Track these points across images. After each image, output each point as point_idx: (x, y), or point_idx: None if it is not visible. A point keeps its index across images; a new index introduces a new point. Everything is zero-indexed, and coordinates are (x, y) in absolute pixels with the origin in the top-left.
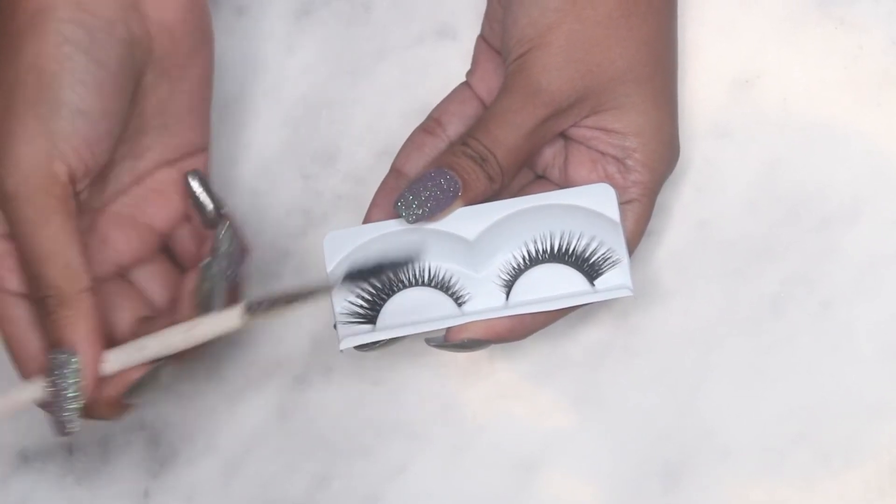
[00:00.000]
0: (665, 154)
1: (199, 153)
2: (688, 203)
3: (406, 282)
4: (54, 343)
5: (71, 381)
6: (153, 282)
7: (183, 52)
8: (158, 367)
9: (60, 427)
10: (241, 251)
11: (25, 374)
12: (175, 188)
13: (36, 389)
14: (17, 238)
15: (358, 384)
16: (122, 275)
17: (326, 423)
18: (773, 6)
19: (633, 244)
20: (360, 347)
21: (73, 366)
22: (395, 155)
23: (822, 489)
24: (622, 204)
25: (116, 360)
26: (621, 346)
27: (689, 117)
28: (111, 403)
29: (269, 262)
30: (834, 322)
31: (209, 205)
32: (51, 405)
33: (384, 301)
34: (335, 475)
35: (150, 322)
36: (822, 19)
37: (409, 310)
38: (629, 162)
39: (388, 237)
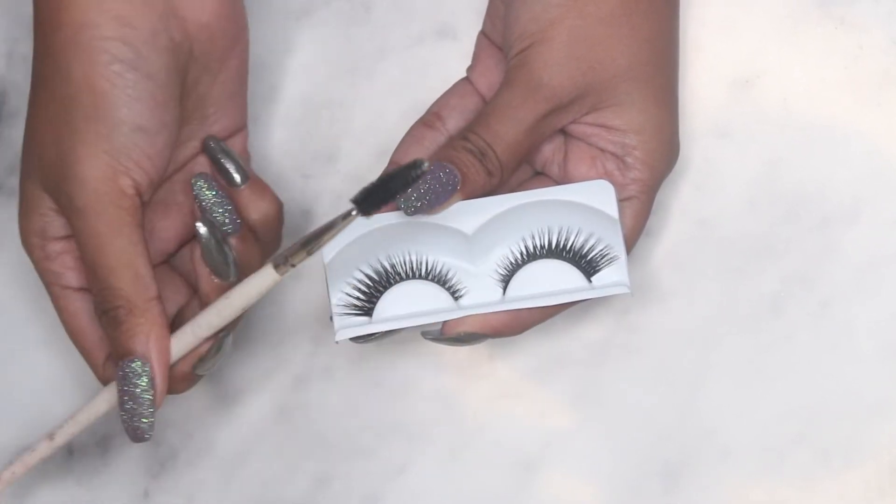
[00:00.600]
0: (665, 152)
1: (237, 133)
2: (688, 202)
3: (403, 274)
4: (125, 353)
5: (145, 388)
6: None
7: (221, 47)
8: (219, 340)
9: (137, 433)
10: (223, 196)
11: (93, 361)
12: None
13: (111, 398)
14: (85, 249)
15: (358, 384)
16: (167, 261)
17: (326, 423)
18: (774, 6)
19: (630, 241)
20: (356, 339)
21: (146, 374)
22: None
23: (822, 489)
24: (621, 201)
25: (176, 349)
26: (621, 344)
27: (689, 117)
28: (184, 378)
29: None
30: (833, 321)
31: (229, 165)
32: (125, 412)
33: (381, 293)
34: (335, 475)
35: (192, 306)
36: (822, 19)
37: (406, 302)
38: (629, 159)
39: (382, 232)
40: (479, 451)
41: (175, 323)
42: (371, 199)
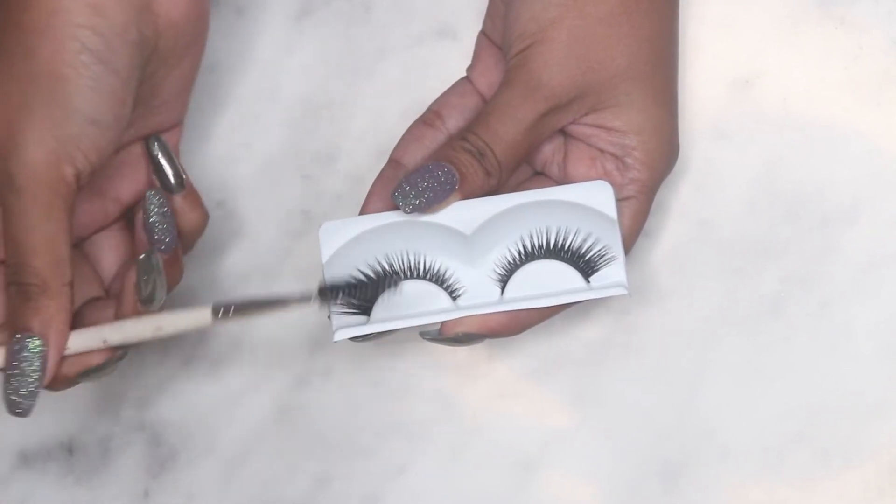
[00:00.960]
0: (664, 152)
1: (174, 128)
2: (687, 202)
3: (401, 274)
4: (24, 328)
5: (35, 365)
6: (108, 251)
7: (183, 44)
8: (116, 357)
9: (13, 406)
10: (171, 218)
11: None
12: (144, 160)
13: None
14: (13, 226)
15: (358, 384)
16: (78, 245)
17: (326, 423)
18: (774, 6)
19: (629, 242)
20: (354, 339)
21: (38, 352)
22: None
23: (821, 489)
24: (619, 201)
25: (77, 343)
26: (620, 344)
27: (688, 117)
28: (63, 381)
29: (270, 262)
30: (833, 321)
31: (169, 169)
32: (8, 383)
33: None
34: (335, 475)
35: (98, 306)
36: (822, 19)
37: (404, 302)
38: (628, 160)
39: (380, 231)
40: (478, 451)
41: (77, 315)
42: (336, 295)
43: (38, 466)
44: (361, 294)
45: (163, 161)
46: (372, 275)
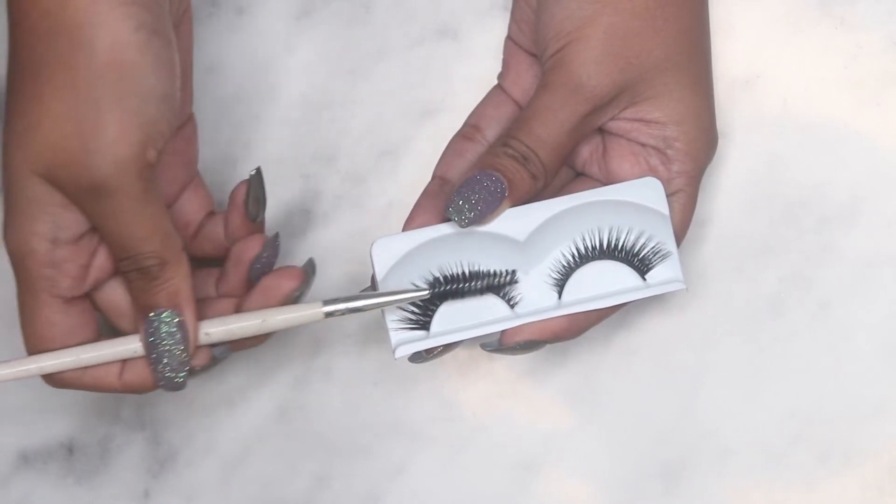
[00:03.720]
0: (705, 141)
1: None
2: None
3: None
4: (154, 305)
5: (177, 337)
6: (190, 211)
7: (184, 7)
8: (223, 351)
9: (169, 382)
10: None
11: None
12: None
13: (134, 346)
14: (115, 225)
15: (358, 384)
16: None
17: (326, 423)
18: (774, 6)
19: (681, 235)
20: (413, 358)
21: (176, 323)
22: (395, 155)
23: (821, 489)
24: (668, 196)
25: (211, 332)
26: (620, 344)
27: None
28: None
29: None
30: (833, 321)
31: (261, 202)
32: (158, 362)
33: (437, 306)
34: (335, 475)
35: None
36: (822, 19)
37: (462, 314)
38: (670, 152)
39: (432, 244)
40: (478, 451)
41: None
42: (449, 290)
43: (38, 466)
44: (473, 290)
45: (262, 193)
46: (484, 269)
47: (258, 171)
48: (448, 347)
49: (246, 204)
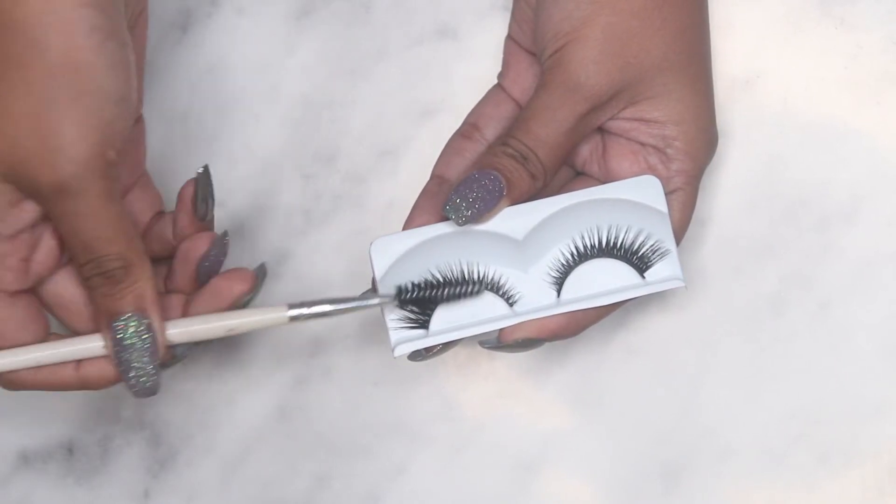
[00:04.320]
0: (705, 141)
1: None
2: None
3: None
4: (119, 310)
5: (145, 340)
6: (139, 209)
7: (133, 10)
8: (184, 350)
9: (140, 387)
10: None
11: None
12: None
13: (95, 345)
14: (76, 226)
15: (358, 384)
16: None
17: (326, 423)
18: (773, 6)
19: (680, 233)
20: (413, 357)
21: (143, 327)
22: (395, 155)
23: (822, 489)
24: (667, 194)
25: (174, 333)
26: (621, 344)
27: None
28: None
29: (270, 263)
30: (833, 321)
31: (209, 202)
32: (127, 368)
33: (436, 305)
34: (335, 475)
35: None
36: (822, 19)
37: (461, 312)
38: (670, 151)
39: (431, 244)
40: (479, 451)
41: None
42: (414, 298)
43: (38, 466)
44: (439, 294)
45: (209, 191)
46: (451, 277)
47: (205, 168)
48: (447, 346)
49: (194, 202)
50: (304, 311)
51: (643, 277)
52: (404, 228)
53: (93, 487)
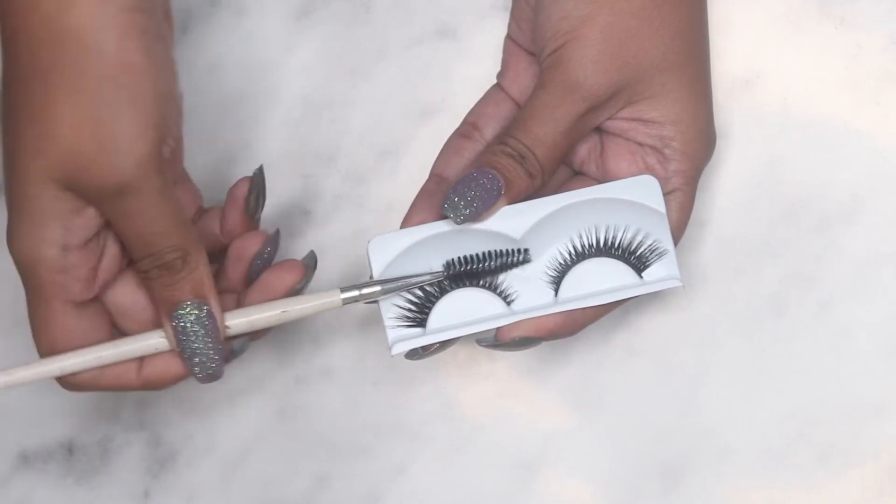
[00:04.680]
0: (703, 141)
1: None
2: None
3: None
4: (179, 299)
5: (207, 326)
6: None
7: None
8: (242, 344)
9: (205, 372)
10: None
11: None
12: None
13: (156, 342)
14: (132, 225)
15: (358, 384)
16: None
17: (326, 423)
18: (773, 6)
19: (678, 234)
20: (410, 355)
21: (204, 314)
22: (395, 155)
23: (822, 489)
24: (665, 194)
25: (232, 324)
26: (621, 344)
27: None
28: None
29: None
30: (833, 321)
31: (261, 200)
32: (192, 355)
33: (433, 303)
34: (335, 475)
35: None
36: (822, 19)
37: (459, 311)
38: (667, 151)
39: (429, 242)
40: (479, 451)
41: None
42: (464, 271)
43: (38, 466)
44: (487, 270)
45: (263, 191)
46: (498, 249)
47: (261, 169)
48: (445, 344)
49: (247, 201)
50: (356, 293)
51: (641, 277)
52: (402, 227)
53: (93, 487)
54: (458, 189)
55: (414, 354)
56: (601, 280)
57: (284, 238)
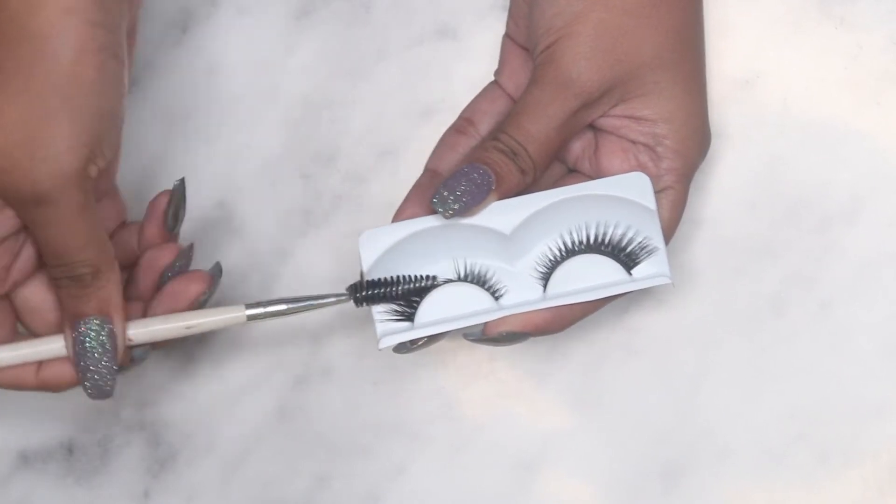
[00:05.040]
0: (696, 140)
1: None
2: (687, 202)
3: (436, 276)
4: (83, 312)
5: (105, 344)
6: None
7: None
8: (143, 353)
9: (96, 389)
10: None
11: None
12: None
13: (57, 346)
14: (48, 235)
15: (358, 384)
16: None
17: (326, 423)
18: (773, 6)
19: (669, 232)
20: (399, 349)
21: (106, 330)
22: (395, 155)
23: (822, 489)
24: (657, 192)
25: (134, 334)
26: (621, 345)
27: None
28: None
29: (270, 262)
30: (833, 322)
31: (180, 215)
32: (85, 369)
33: (421, 298)
34: (335, 475)
35: None
36: (822, 19)
37: (447, 305)
38: (660, 149)
39: (419, 236)
40: (478, 451)
41: None
42: (369, 295)
43: (38, 466)
44: (395, 294)
45: (181, 205)
46: (409, 274)
47: (181, 182)
48: (433, 338)
49: (166, 215)
50: (261, 310)
51: (630, 274)
52: (394, 220)
53: (93, 487)
54: (448, 184)
55: (402, 348)
56: (590, 276)
57: (285, 238)
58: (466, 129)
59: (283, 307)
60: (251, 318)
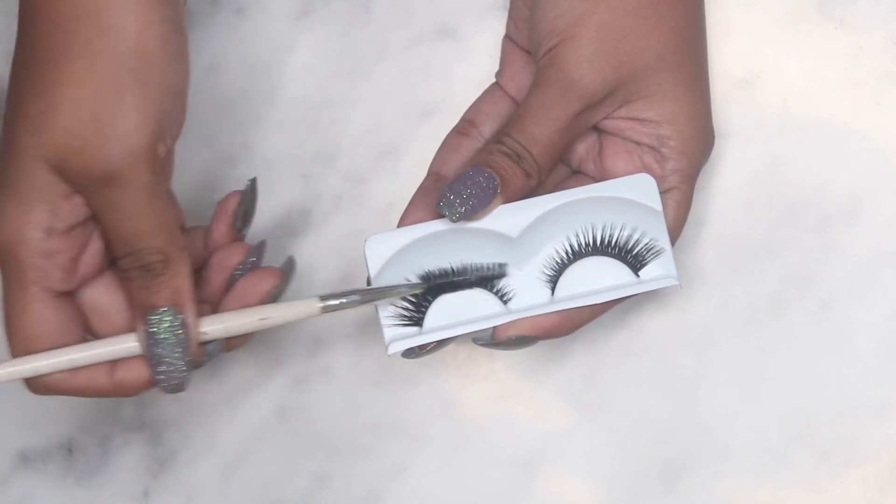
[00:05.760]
0: (700, 140)
1: None
2: None
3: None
4: (155, 304)
5: (180, 335)
6: None
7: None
8: (215, 349)
9: (170, 382)
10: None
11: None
12: None
13: (130, 345)
14: (118, 218)
15: (358, 384)
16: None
17: (326, 423)
18: (773, 6)
19: (675, 233)
20: (407, 354)
21: (178, 322)
22: (395, 155)
23: (822, 489)
24: (662, 193)
25: (208, 330)
26: (621, 345)
27: None
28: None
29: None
30: (833, 321)
31: (250, 216)
32: (158, 362)
33: (429, 302)
34: (335, 475)
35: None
36: (822, 19)
37: (455, 310)
38: (664, 150)
39: (425, 241)
40: (478, 451)
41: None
42: (440, 283)
43: (38, 466)
44: (466, 283)
45: (253, 205)
46: (475, 263)
47: (253, 182)
48: (441, 343)
49: (236, 215)
50: (335, 301)
51: (637, 276)
52: (399, 225)
53: (93, 487)
54: (453, 187)
55: (411, 353)
56: (598, 279)
57: (285, 238)
58: (469, 131)
59: (356, 298)
60: (325, 309)
